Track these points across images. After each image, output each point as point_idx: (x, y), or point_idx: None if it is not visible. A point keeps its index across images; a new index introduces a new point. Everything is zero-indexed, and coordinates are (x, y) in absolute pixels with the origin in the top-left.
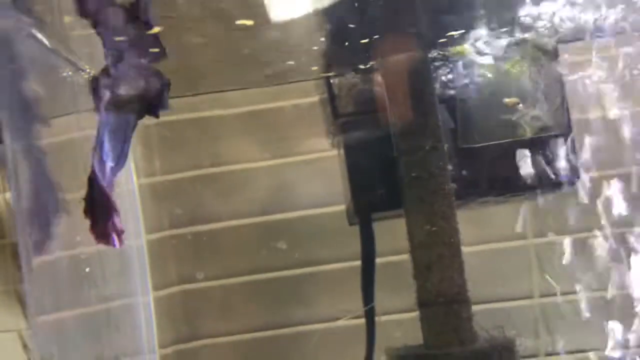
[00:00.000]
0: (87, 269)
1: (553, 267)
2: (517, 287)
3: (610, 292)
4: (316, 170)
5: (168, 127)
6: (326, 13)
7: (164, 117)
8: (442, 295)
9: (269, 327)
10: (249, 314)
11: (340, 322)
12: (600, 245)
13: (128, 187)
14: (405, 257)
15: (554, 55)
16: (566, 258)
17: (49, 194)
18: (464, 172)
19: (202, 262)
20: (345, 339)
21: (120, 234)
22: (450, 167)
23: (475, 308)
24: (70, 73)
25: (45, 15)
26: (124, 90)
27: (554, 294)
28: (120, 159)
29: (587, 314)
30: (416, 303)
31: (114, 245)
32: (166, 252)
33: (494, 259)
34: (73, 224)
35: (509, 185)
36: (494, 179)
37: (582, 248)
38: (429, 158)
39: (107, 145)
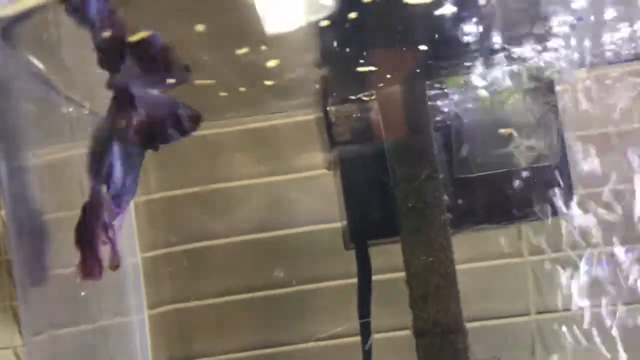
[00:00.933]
0: (82, 293)
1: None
2: (513, 304)
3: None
4: (313, 187)
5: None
6: (321, 40)
7: None
8: (439, 325)
9: (264, 345)
10: (244, 332)
11: (334, 341)
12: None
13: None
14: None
15: (549, 85)
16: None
17: (36, 219)
18: (459, 202)
19: (197, 280)
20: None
21: (100, 267)
22: (445, 197)
23: (470, 325)
24: (70, 109)
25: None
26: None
27: (552, 311)
28: (130, 189)
29: (584, 333)
30: (412, 333)
31: (97, 279)
32: (161, 270)
33: (490, 276)
34: (70, 242)
35: (504, 215)
36: (489, 208)
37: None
38: (425, 188)
39: (115, 175)
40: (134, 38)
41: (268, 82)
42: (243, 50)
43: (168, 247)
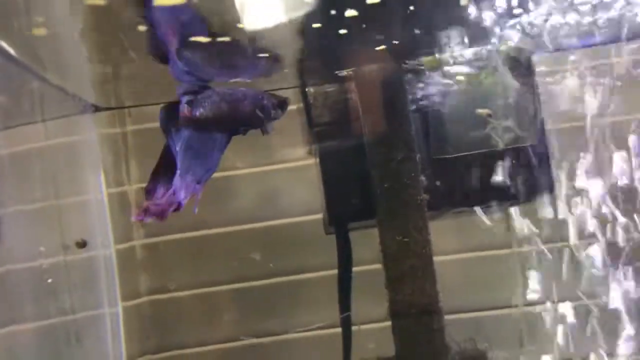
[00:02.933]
0: (50, 280)
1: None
2: (502, 295)
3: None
4: (298, 178)
5: (140, 135)
6: (301, 23)
7: (137, 125)
8: (414, 306)
9: (244, 337)
10: (221, 324)
11: (316, 332)
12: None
13: (97, 197)
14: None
15: (527, 66)
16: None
17: None
18: (437, 183)
19: (174, 271)
20: (322, 347)
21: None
22: (423, 178)
23: (458, 317)
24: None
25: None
26: (203, 112)
27: (540, 303)
28: (202, 174)
29: (572, 323)
30: (388, 314)
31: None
32: (136, 261)
33: (478, 267)
34: (35, 235)
35: (482, 197)
36: (467, 190)
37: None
38: (401, 169)
39: (185, 161)
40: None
41: None
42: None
43: (144, 238)
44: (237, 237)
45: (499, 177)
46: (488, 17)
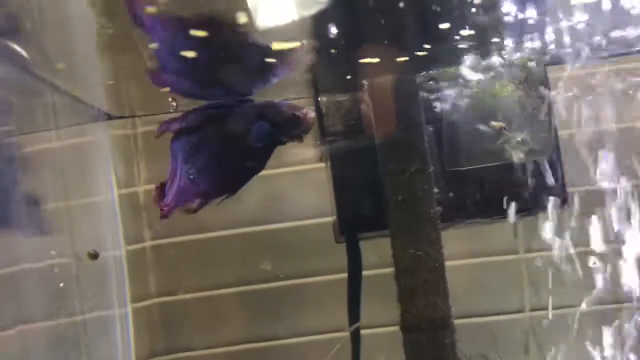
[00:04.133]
0: (61, 284)
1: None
2: (508, 301)
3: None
4: (306, 181)
5: (150, 136)
6: (315, 29)
7: (147, 126)
8: (426, 320)
9: (251, 340)
10: (230, 327)
11: (325, 336)
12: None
13: (107, 197)
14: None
15: (543, 78)
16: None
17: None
18: (450, 195)
19: (183, 274)
20: (328, 352)
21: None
22: (436, 189)
23: (466, 321)
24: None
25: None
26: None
27: (545, 309)
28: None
29: (577, 330)
30: (400, 327)
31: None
32: (146, 263)
33: (485, 272)
34: (47, 238)
35: (496, 209)
36: (481, 202)
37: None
38: (415, 181)
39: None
40: None
41: None
42: None
43: (154, 239)
44: (245, 240)
45: (512, 189)
46: (505, 28)
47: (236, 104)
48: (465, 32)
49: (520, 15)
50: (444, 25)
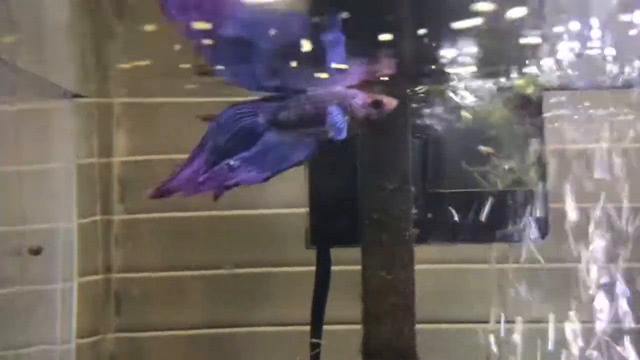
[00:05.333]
0: None
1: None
2: (474, 310)
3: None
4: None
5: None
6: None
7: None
8: (390, 347)
9: (210, 325)
10: (186, 310)
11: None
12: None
13: (67, 167)
14: None
15: (538, 106)
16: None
17: None
18: (428, 216)
19: (140, 251)
20: (289, 343)
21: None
22: (414, 210)
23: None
24: None
25: None
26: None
27: (511, 322)
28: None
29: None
30: (361, 351)
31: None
32: (98, 237)
33: (454, 279)
34: None
35: (474, 235)
36: (459, 227)
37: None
38: (393, 200)
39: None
40: None
41: None
42: None
43: (110, 214)
44: (215, 223)
45: (493, 217)
46: (502, 51)
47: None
48: (461, 51)
49: (519, 40)
50: (439, 42)
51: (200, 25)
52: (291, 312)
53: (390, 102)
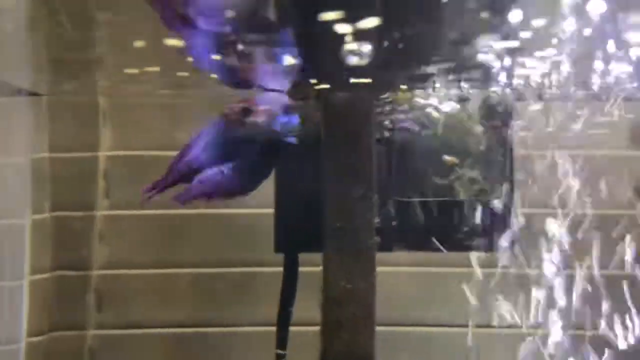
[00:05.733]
0: None
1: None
2: (453, 314)
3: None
4: None
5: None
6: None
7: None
8: (349, 358)
9: (185, 324)
10: (164, 307)
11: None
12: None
13: (24, 161)
14: None
15: (507, 117)
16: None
17: None
18: (392, 224)
19: (125, 247)
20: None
21: None
22: (378, 218)
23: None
24: None
25: None
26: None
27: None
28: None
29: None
30: None
31: None
32: (48, 234)
33: (433, 283)
34: None
35: (439, 243)
36: (423, 235)
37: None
38: (356, 209)
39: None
40: None
41: None
42: None
43: (95, 210)
44: (199, 221)
45: (457, 226)
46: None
47: None
48: (431, 60)
49: (490, 49)
50: (409, 50)
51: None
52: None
53: (262, 112)
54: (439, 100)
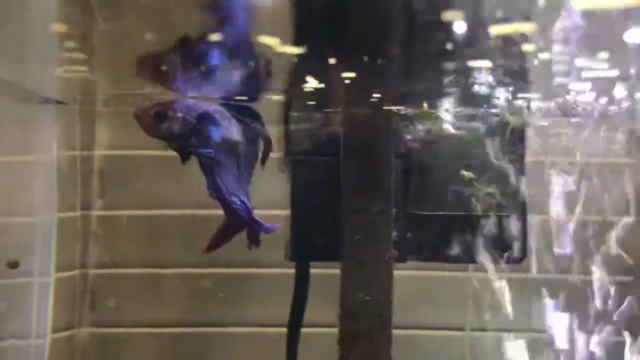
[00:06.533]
0: None
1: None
2: (451, 317)
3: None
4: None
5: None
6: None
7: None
8: None
9: (189, 324)
10: (163, 308)
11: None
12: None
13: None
14: None
15: (521, 134)
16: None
17: None
18: (408, 235)
19: (118, 248)
20: (265, 345)
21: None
22: (395, 231)
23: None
24: None
25: None
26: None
27: (486, 330)
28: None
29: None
30: None
31: None
32: (77, 232)
33: (432, 286)
34: None
35: (453, 256)
36: (438, 248)
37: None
38: (375, 222)
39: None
40: None
41: None
42: None
43: (91, 209)
44: (197, 222)
45: (473, 240)
46: (493, 82)
47: None
48: (450, 77)
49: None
50: (429, 66)
51: None
52: (268, 313)
53: (177, 119)
54: (456, 117)
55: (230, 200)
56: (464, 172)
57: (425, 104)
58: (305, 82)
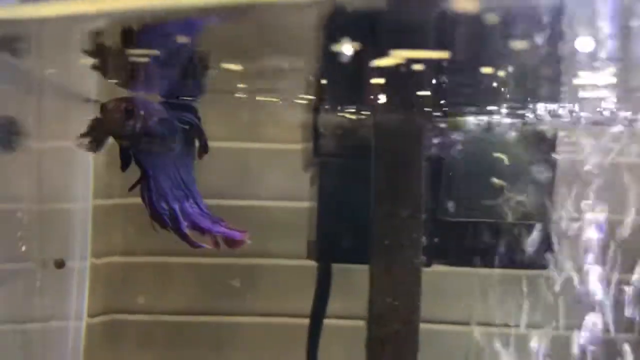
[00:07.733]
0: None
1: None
2: (456, 312)
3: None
4: (280, 161)
5: None
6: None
7: None
8: None
9: (207, 312)
10: (188, 295)
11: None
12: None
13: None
14: None
15: (552, 143)
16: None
17: None
18: (435, 240)
19: (150, 236)
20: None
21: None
22: (424, 238)
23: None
24: None
25: None
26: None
27: (491, 325)
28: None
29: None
30: None
31: None
32: (113, 220)
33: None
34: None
35: (480, 261)
36: (465, 253)
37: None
38: (404, 227)
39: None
40: None
41: None
42: None
43: (123, 197)
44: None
45: (499, 246)
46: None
47: None
48: (483, 85)
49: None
50: (463, 74)
51: None
52: (277, 303)
53: (140, 116)
54: (490, 124)
55: (158, 206)
56: (495, 180)
57: (458, 111)
58: (337, 84)
